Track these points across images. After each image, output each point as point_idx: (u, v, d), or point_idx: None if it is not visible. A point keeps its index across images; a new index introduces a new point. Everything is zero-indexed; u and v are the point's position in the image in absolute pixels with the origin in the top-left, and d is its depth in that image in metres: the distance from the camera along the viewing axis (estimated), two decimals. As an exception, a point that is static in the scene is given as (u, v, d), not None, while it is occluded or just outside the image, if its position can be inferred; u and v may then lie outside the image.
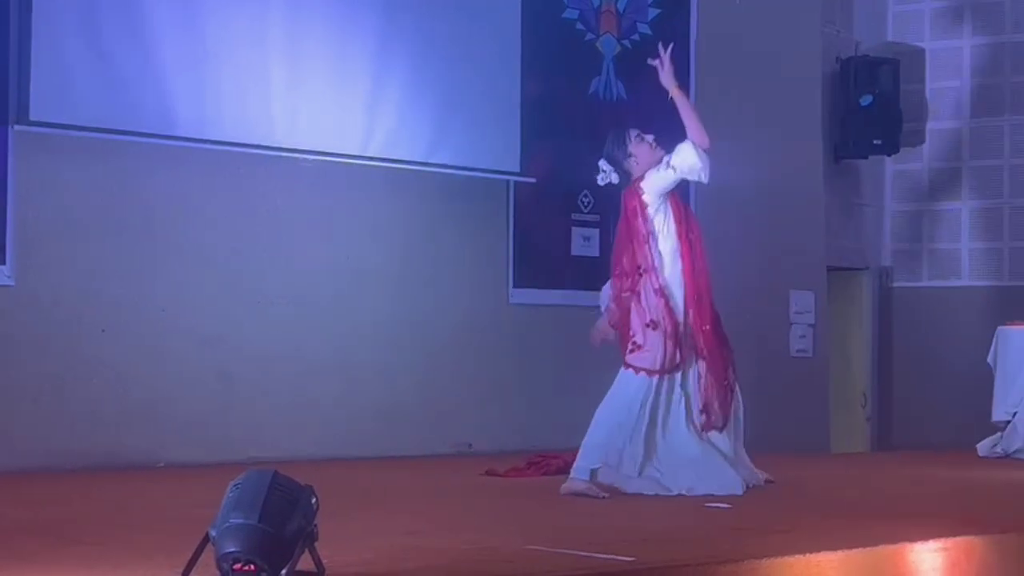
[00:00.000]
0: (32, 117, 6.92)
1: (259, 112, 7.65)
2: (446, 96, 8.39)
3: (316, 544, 3.60)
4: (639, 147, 6.14)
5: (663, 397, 5.94)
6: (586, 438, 5.91)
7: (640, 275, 5.94)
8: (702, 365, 6.00)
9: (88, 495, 6.02)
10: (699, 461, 5.98)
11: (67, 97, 7.02)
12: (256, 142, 7.64)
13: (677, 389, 5.98)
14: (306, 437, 7.72)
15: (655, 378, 5.90)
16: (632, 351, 5.93)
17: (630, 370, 5.91)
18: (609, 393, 5.96)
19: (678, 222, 6.02)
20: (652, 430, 5.91)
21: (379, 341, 8.24)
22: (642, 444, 5.89)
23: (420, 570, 3.85)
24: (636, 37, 9.55)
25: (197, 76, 7.44)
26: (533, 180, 8.86)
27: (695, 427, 5.99)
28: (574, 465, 5.88)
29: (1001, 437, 8.88)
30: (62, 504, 5.61)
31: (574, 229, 9.23)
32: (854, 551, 4.45)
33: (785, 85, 10.40)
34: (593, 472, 5.85)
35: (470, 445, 8.45)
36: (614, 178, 6.20)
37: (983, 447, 8.92)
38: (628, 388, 5.91)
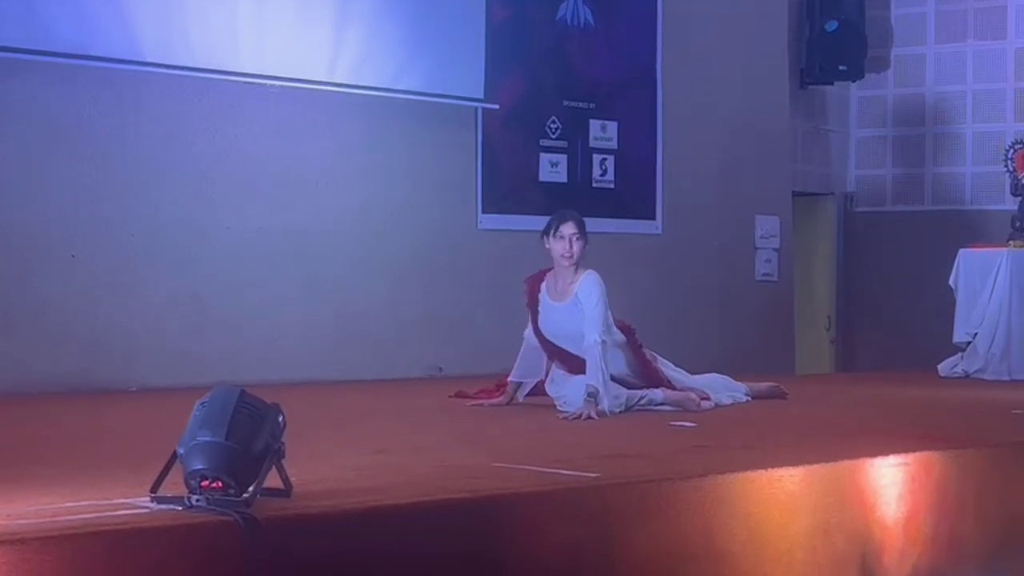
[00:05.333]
0: (-4, 42, 6.88)
1: (225, 37, 7.60)
2: (412, 22, 8.35)
3: (283, 462, 3.62)
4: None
5: None
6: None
7: None
8: None
9: (58, 418, 6.03)
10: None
11: (31, 22, 6.95)
12: (222, 67, 7.61)
13: None
14: (277, 360, 7.76)
15: None
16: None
17: None
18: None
19: None
20: None
21: (349, 266, 8.26)
22: None
23: (387, 487, 3.88)
24: (603, -38, 9.51)
25: (162, 1, 7.39)
26: (496, 107, 8.84)
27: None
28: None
29: (962, 358, 9.00)
30: (31, 427, 5.63)
31: (542, 155, 9.24)
32: (816, 466, 4.50)
33: (751, 11, 10.39)
34: None
35: (440, 369, 8.51)
36: None
37: (944, 367, 9.04)
38: None
